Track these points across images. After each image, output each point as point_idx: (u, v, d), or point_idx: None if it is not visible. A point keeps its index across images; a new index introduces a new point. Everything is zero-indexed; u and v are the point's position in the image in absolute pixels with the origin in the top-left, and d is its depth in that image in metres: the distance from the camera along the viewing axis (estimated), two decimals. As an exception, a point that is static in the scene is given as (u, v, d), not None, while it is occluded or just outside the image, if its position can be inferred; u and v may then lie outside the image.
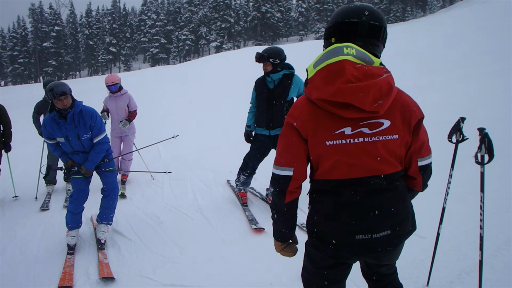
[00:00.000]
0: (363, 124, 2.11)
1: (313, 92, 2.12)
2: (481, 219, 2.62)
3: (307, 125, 2.17)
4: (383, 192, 2.19)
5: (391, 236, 2.22)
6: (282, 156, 2.32)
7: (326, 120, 2.13)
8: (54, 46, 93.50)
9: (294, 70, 5.97)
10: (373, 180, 2.17)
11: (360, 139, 2.12)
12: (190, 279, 4.55)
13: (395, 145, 2.18)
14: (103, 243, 5.51)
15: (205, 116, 15.72)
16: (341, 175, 2.18)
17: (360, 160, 2.14)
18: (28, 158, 10.97)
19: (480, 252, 2.67)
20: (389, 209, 2.21)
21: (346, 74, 2.01)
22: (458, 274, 3.94)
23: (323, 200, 2.30)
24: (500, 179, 5.67)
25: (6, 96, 29.61)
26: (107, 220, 5.69)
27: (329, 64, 2.06)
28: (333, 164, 2.18)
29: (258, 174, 6.74)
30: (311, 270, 2.55)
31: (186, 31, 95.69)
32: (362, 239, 2.19)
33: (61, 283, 4.61)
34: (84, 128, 5.33)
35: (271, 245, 5.13)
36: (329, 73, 2.06)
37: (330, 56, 2.07)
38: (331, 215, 2.26)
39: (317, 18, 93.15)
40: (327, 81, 2.05)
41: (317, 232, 2.36)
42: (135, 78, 34.83)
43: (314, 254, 2.48)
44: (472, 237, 4.39)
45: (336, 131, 2.12)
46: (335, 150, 2.14)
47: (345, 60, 2.04)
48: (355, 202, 2.18)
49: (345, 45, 2.09)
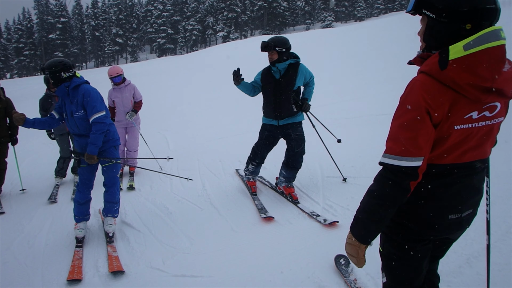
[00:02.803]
0: (486, 107, 2.07)
1: (463, 75, 1.95)
2: (487, 204, 2.57)
3: (443, 110, 2.02)
4: (477, 174, 2.26)
5: (471, 215, 2.35)
6: (412, 145, 2.05)
7: (460, 104, 2.03)
8: (60, 38, 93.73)
9: (300, 59, 5.91)
10: (477, 164, 2.22)
11: (483, 122, 2.10)
12: (200, 269, 4.53)
13: (499, 126, 2.25)
14: (111, 236, 5.45)
15: (213, 105, 15.67)
16: (454, 160, 2.15)
17: (479, 144, 2.15)
18: (35, 151, 10.96)
19: (487, 236, 2.64)
20: (478, 189, 2.30)
21: (506, 60, 1.97)
22: (467, 259, 4.03)
23: (424, 183, 2.21)
24: (506, 164, 5.82)
25: (12, 88, 29.58)
26: (111, 213, 5.64)
27: (490, 48, 1.92)
28: (450, 149, 2.13)
29: (267, 163, 6.71)
30: (402, 255, 2.41)
31: (193, 21, 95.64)
32: (454, 218, 2.25)
33: (70, 276, 4.57)
34: (76, 105, 5.20)
35: (280, 234, 5.14)
36: (490, 58, 1.93)
37: (490, 39, 1.92)
38: (429, 197, 2.23)
39: (323, 7, 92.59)
40: (488, 65, 1.92)
41: (410, 214, 2.31)
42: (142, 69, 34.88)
43: (400, 239, 2.39)
44: (480, 221, 4.40)
45: (466, 115, 2.05)
46: (460, 134, 2.09)
47: (504, 44, 1.96)
48: (455, 184, 2.20)
49: (500, 28, 1.97)
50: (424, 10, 2.10)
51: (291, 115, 5.87)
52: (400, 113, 2.12)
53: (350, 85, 15.35)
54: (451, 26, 2.02)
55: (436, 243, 2.50)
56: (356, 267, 2.50)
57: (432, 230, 2.27)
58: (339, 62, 21.32)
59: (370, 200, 2.23)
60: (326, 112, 9.97)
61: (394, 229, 2.39)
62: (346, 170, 6.71)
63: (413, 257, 2.37)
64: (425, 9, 2.09)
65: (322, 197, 6.03)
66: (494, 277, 3.42)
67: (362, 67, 18.61)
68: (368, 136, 8.39)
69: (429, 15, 2.08)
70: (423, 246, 2.36)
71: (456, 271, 3.86)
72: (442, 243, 2.53)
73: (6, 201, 7.35)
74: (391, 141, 2.14)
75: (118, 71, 8.00)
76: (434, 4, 2.04)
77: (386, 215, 2.19)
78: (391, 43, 22.30)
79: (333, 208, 5.60)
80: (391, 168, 2.12)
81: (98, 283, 4.51)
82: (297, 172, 6.17)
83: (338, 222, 5.12)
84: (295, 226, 5.31)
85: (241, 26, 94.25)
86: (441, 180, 2.19)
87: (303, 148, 6.04)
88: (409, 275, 2.43)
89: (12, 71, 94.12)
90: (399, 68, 2.68)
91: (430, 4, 2.06)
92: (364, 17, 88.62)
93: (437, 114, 2.02)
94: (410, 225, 2.30)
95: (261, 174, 6.97)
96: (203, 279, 4.34)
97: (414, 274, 2.43)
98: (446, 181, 2.19)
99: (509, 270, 3.76)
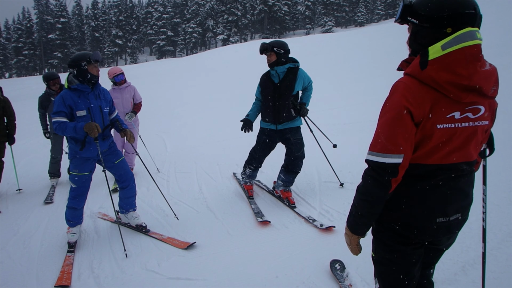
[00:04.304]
0: (468, 109, 2.16)
1: (441, 74, 2.07)
2: (484, 212, 2.60)
3: (423, 108, 2.12)
4: (464, 177, 2.30)
5: (461, 220, 2.37)
6: (390, 142, 2.16)
7: (441, 103, 2.12)
8: (60, 38, 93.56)
9: (299, 63, 5.91)
10: (463, 166, 2.26)
11: (466, 123, 2.17)
12: (195, 272, 4.52)
13: (484, 131, 2.31)
14: (145, 226, 5.71)
15: (211, 108, 15.69)
16: (439, 160, 2.21)
17: (463, 145, 2.21)
18: (32, 151, 10.95)
19: (483, 244, 2.65)
20: (466, 192, 2.34)
21: (482, 58, 2.08)
22: (462, 266, 4.03)
23: (410, 185, 2.29)
24: (504, 172, 5.84)
25: (11, 88, 29.67)
26: (133, 207, 5.80)
27: (466, 47, 2.04)
28: (435, 149, 2.19)
29: (265, 167, 6.72)
30: (393, 259, 2.46)
31: (193, 23, 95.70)
32: (441, 221, 2.28)
33: (58, 282, 4.55)
34: (105, 101, 5.35)
35: (276, 238, 5.13)
36: (466, 56, 2.04)
37: (466, 38, 2.05)
38: (416, 199, 2.29)
39: (323, 12, 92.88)
40: (464, 63, 2.04)
41: (398, 217, 2.36)
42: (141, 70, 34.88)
43: (391, 243, 2.44)
44: (476, 229, 4.49)
45: (448, 114, 2.14)
46: (443, 134, 2.16)
47: (480, 44, 2.07)
48: (442, 186, 2.25)
49: (476, 29, 2.09)
50: (409, 18, 2.25)
51: (289, 119, 5.87)
52: (382, 113, 2.25)
53: (349, 91, 15.36)
54: (433, 30, 2.17)
55: (428, 249, 2.53)
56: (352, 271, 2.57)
57: (420, 233, 2.32)
58: (338, 68, 21.36)
59: (356, 195, 2.38)
60: (324, 118, 9.99)
61: (384, 233, 2.45)
62: (343, 175, 6.71)
63: (404, 262, 2.42)
64: (410, 17, 2.24)
65: (319, 202, 6.03)
66: (490, 285, 3.43)
67: (361, 73, 18.66)
68: (366, 142, 8.26)
69: (414, 21, 2.23)
70: (413, 250, 2.40)
71: (452, 278, 3.86)
72: (434, 249, 2.55)
73: (2, 201, 7.34)
74: (373, 139, 2.27)
75: (118, 71, 8.01)
76: (417, 11, 2.19)
77: (371, 210, 2.32)
78: (391, 49, 22.35)
79: (329, 213, 5.59)
80: (372, 164, 2.26)
81: (93, 284, 4.49)
82: (295, 176, 6.16)
83: (334, 227, 5.12)
84: (291, 230, 5.30)
85: (241, 30, 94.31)
86: (428, 182, 2.25)
87: (303, 152, 6.03)
88: (401, 280, 2.45)
89: (11, 70, 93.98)
90: (398, 75, 2.71)
91: (414, 11, 2.21)
92: (364, 23, 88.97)
93: (418, 113, 2.12)
94: (399, 229, 2.36)
95: (258, 178, 6.98)
96: (198, 282, 4.33)
97: (406, 279, 2.45)
98: (432, 183, 2.24)
99: (505, 278, 3.76)
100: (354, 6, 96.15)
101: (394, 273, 2.47)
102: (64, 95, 5.03)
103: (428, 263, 2.63)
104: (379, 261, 2.54)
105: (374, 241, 2.55)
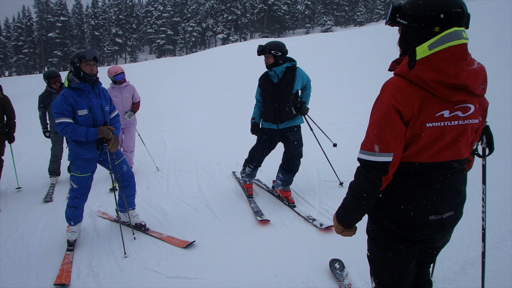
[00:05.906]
0: (457, 108, 2.20)
1: (428, 73, 2.11)
2: (483, 211, 2.62)
3: (412, 107, 2.16)
4: (455, 175, 2.33)
5: (453, 217, 2.38)
6: (380, 141, 2.21)
7: (429, 102, 2.16)
8: (60, 37, 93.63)
9: (296, 62, 5.92)
10: (453, 164, 2.29)
11: (455, 122, 2.20)
12: (194, 271, 4.52)
13: (474, 129, 2.32)
14: (145, 225, 5.71)
15: (211, 108, 15.66)
16: (430, 158, 2.24)
17: (453, 143, 2.23)
18: (32, 149, 10.94)
19: (483, 243, 2.67)
20: (458, 190, 2.37)
21: (468, 57, 2.12)
22: (462, 266, 4.04)
23: (402, 183, 2.33)
24: (503, 172, 5.84)
25: (10, 86, 29.64)
26: (132, 205, 5.81)
27: (452, 46, 2.08)
28: (425, 147, 2.22)
29: (264, 167, 6.70)
30: (388, 257, 2.50)
31: (193, 22, 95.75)
32: (434, 219, 2.31)
33: (57, 280, 4.54)
34: (105, 100, 5.36)
35: (276, 237, 5.12)
36: (452, 55, 2.07)
37: (452, 38, 2.08)
38: (408, 197, 2.32)
39: (323, 11, 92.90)
40: (450, 62, 2.07)
41: (391, 215, 2.39)
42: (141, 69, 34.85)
43: (385, 241, 2.48)
44: (475, 228, 4.52)
45: (437, 113, 2.17)
46: (433, 132, 2.19)
47: (466, 43, 2.12)
48: (433, 184, 2.28)
49: (462, 29, 2.13)
50: (398, 19, 2.30)
51: (290, 118, 5.87)
52: (372, 112, 2.31)
53: (349, 90, 15.32)
54: (421, 30, 2.22)
55: (423, 248, 2.55)
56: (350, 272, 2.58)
57: (413, 231, 2.34)
58: (338, 67, 21.34)
59: (348, 191, 2.43)
60: (324, 116, 9.97)
61: (378, 231, 2.48)
62: (343, 174, 6.70)
63: (399, 259, 2.45)
64: (399, 18, 2.29)
65: (318, 201, 6.02)
66: (489, 285, 3.43)
67: (361, 72, 18.63)
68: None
69: (402, 22, 2.28)
70: (407, 248, 2.42)
71: (451, 277, 3.86)
72: (428, 248, 2.57)
73: (2, 199, 7.33)
74: (364, 138, 2.31)
75: (121, 69, 8.01)
76: (406, 12, 2.25)
77: (360, 207, 2.39)
78: (390, 48, 22.29)
79: (329, 212, 5.59)
80: (363, 162, 2.30)
81: (92, 283, 4.49)
82: (294, 175, 6.15)
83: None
84: (290, 229, 5.30)
85: (241, 29, 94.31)
86: (420, 180, 2.28)
87: (301, 151, 6.03)
88: (396, 278, 2.49)
89: (11, 69, 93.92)
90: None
91: (402, 12, 2.27)
92: (364, 22, 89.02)
93: (407, 112, 2.16)
94: (392, 227, 2.39)
95: (257, 177, 6.98)
96: (197, 281, 4.32)
97: (401, 277, 2.48)
98: (424, 181, 2.28)
99: (504, 278, 3.76)
100: (353, 5, 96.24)
101: (389, 271, 2.50)
102: (65, 94, 5.01)
103: (424, 262, 2.66)
104: (374, 259, 2.58)
105: (369, 240, 2.59)
